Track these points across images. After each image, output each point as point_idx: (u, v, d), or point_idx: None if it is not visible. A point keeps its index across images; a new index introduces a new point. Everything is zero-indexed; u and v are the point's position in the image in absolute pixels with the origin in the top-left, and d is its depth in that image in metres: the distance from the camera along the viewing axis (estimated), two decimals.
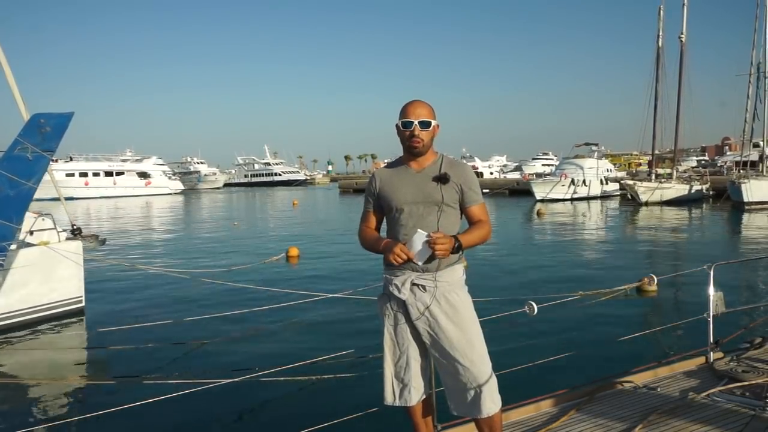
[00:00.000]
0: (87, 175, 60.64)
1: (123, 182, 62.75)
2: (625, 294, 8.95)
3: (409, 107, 2.57)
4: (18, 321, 8.17)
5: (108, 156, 66.55)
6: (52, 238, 8.70)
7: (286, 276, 11.98)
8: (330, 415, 3.83)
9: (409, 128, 2.54)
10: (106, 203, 45.28)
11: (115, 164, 65.27)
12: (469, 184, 2.59)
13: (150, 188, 64.52)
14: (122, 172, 64.08)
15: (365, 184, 2.84)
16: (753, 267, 11.38)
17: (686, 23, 35.72)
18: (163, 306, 9.40)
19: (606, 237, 19.35)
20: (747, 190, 28.94)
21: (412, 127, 2.53)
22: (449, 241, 2.38)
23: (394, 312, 2.62)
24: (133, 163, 68.28)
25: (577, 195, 38.49)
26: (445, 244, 2.36)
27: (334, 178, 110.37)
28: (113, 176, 62.62)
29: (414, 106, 2.57)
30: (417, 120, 2.53)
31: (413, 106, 2.57)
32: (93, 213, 35.46)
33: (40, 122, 7.78)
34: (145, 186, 64.51)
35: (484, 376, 2.52)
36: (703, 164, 63.58)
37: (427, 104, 2.60)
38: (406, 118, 2.55)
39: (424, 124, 2.54)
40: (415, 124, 2.53)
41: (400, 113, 2.59)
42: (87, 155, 64.49)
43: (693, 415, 3.16)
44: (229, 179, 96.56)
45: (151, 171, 67.26)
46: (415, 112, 2.55)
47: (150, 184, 65.14)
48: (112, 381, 6.10)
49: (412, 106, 2.57)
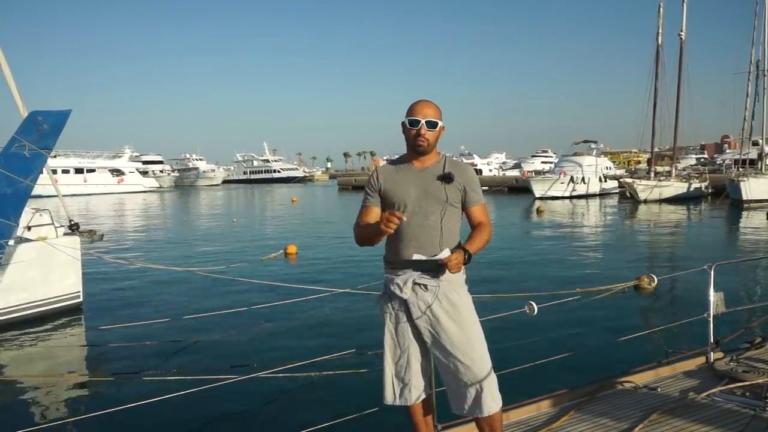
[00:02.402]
0: (56, 173, 58.30)
1: (94, 180, 59.87)
2: (623, 293, 8.95)
3: (417, 106, 2.58)
4: (15, 317, 8.15)
5: (79, 152, 63.23)
6: (50, 233, 8.68)
7: (285, 273, 11.95)
8: (330, 415, 3.82)
9: (416, 127, 2.55)
10: (75, 201, 42.56)
11: (86, 161, 62.51)
12: (471, 185, 2.61)
13: (123, 186, 62.16)
14: (93, 169, 61.33)
15: (364, 181, 2.84)
16: (753, 267, 11.38)
17: (686, 20, 35.70)
18: (162, 303, 9.38)
19: (605, 235, 19.36)
20: (746, 188, 28.96)
21: (418, 126, 2.54)
22: (461, 257, 2.42)
23: (396, 311, 2.63)
24: (105, 159, 65.36)
25: (576, 192, 38.47)
26: (459, 261, 2.41)
27: (333, 175, 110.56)
28: (84, 173, 60.01)
29: (422, 105, 2.58)
30: (424, 119, 2.54)
31: (421, 106, 2.58)
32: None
33: (37, 120, 7.75)
34: (118, 183, 62.27)
35: (485, 375, 2.53)
36: (702, 162, 63.55)
37: (435, 105, 2.62)
38: (414, 116, 2.56)
39: (430, 125, 2.55)
40: (422, 123, 2.54)
41: (407, 111, 2.60)
42: (57, 151, 62.69)
43: (693, 415, 3.15)
44: (227, 176, 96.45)
45: (125, 168, 64.92)
46: (422, 112, 2.56)
47: (123, 182, 62.83)
48: (111, 379, 6.08)
49: (420, 105, 2.58)
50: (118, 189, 61.20)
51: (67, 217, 9.18)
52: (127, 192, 60.08)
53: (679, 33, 35.74)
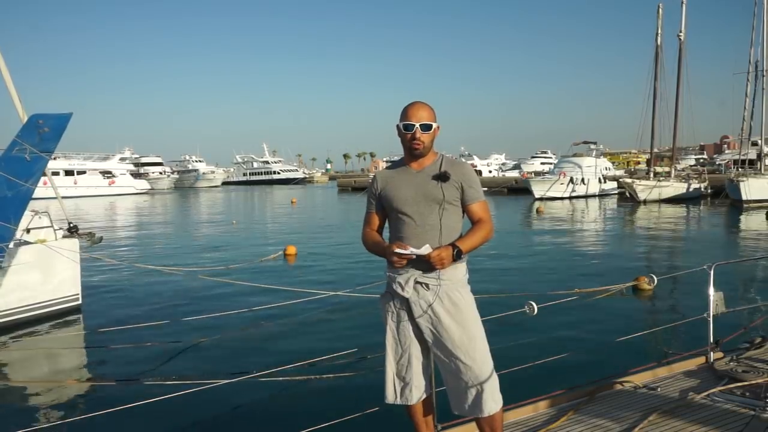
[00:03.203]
0: (45, 174, 57.44)
1: (84, 182, 59.08)
2: (623, 293, 8.95)
3: (411, 109, 2.57)
4: (14, 319, 8.15)
5: (69, 154, 62.19)
6: (49, 235, 8.68)
7: (284, 274, 11.96)
8: (330, 415, 3.81)
9: (411, 131, 2.55)
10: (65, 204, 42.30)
11: (76, 163, 61.79)
12: (469, 182, 2.60)
13: (114, 188, 61.56)
14: (84, 171, 60.77)
15: (364, 183, 2.86)
16: (753, 267, 11.38)
17: (685, 21, 35.82)
18: (161, 304, 9.37)
19: (604, 235, 19.37)
20: (745, 188, 29.00)
21: (413, 130, 2.55)
22: (447, 254, 2.42)
23: (397, 310, 2.64)
24: (96, 161, 64.80)
25: (576, 193, 38.52)
26: (443, 258, 2.41)
27: (332, 176, 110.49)
28: (74, 175, 59.22)
29: (415, 108, 2.57)
30: (418, 123, 2.55)
31: (414, 109, 2.57)
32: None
33: (38, 123, 7.77)
34: (109, 185, 61.66)
35: (486, 375, 2.53)
36: (701, 162, 63.62)
37: (428, 106, 2.61)
38: (408, 120, 2.56)
39: (425, 127, 2.56)
40: (417, 127, 2.54)
41: (401, 115, 2.59)
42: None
43: (693, 415, 3.15)
44: (227, 177, 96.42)
45: (115, 170, 64.43)
46: (416, 115, 2.56)
47: (114, 184, 62.32)
48: (110, 381, 6.07)
49: (414, 108, 2.58)
50: (109, 191, 60.46)
51: (66, 219, 9.19)
52: (118, 194, 59.42)
53: (679, 34, 35.83)
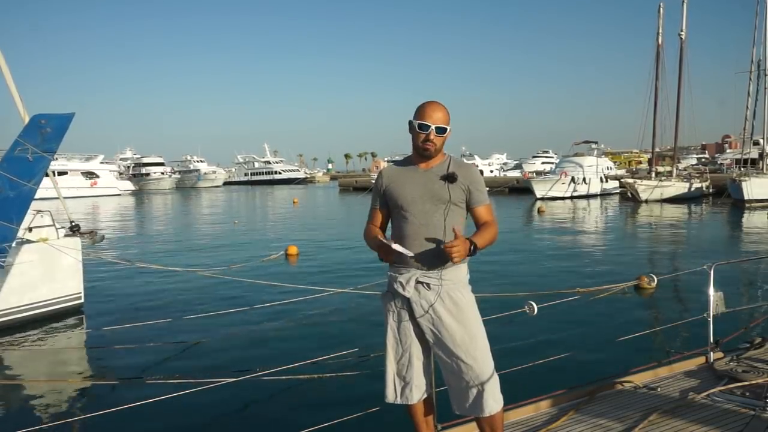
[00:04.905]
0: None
1: (66, 182, 56.81)
2: (624, 293, 8.94)
3: (428, 109, 2.53)
4: (17, 318, 8.16)
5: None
6: (51, 234, 8.70)
7: (286, 274, 11.97)
8: (331, 415, 3.83)
9: (425, 131, 2.52)
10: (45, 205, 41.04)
11: (57, 163, 59.54)
12: (476, 185, 2.59)
13: (96, 189, 60.26)
14: (65, 171, 58.90)
15: (365, 183, 2.86)
16: (753, 267, 11.36)
17: (686, 20, 35.72)
18: (162, 304, 9.39)
19: (605, 235, 19.35)
20: (747, 187, 28.95)
21: (428, 131, 2.51)
22: (464, 245, 2.36)
23: (398, 309, 2.63)
24: (78, 162, 63.51)
25: (577, 193, 38.47)
26: (460, 248, 2.34)
27: (334, 176, 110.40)
28: (54, 176, 58.18)
29: (432, 108, 2.53)
30: (434, 125, 2.51)
31: (432, 109, 2.53)
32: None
33: (40, 123, 7.78)
34: (91, 186, 60.41)
35: (487, 375, 2.53)
36: (703, 162, 63.51)
37: (445, 108, 2.57)
38: (423, 120, 2.52)
39: (440, 130, 2.53)
40: (432, 129, 2.51)
41: (416, 112, 2.55)
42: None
43: (693, 415, 3.16)
44: (228, 177, 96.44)
45: (98, 171, 63.38)
46: (433, 116, 2.52)
47: (96, 185, 61.21)
48: (112, 380, 6.10)
49: (431, 108, 2.54)
50: (91, 192, 59.37)
51: (68, 218, 9.21)
52: (101, 195, 58.29)
53: (680, 33, 35.75)
